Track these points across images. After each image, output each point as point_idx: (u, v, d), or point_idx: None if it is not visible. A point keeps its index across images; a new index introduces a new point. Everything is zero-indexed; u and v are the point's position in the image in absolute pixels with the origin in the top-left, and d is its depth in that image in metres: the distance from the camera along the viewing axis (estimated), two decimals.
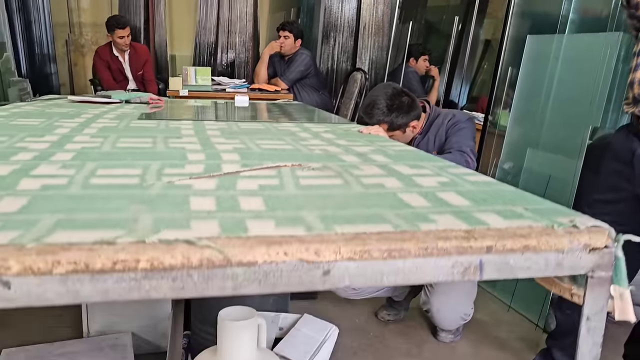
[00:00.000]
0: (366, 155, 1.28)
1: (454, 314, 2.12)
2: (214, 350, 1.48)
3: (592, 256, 0.79)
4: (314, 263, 0.69)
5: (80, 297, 0.63)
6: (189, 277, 0.66)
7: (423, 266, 0.73)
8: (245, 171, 1.03)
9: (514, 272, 0.77)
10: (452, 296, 2.11)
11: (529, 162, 2.79)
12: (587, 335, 0.82)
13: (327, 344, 1.81)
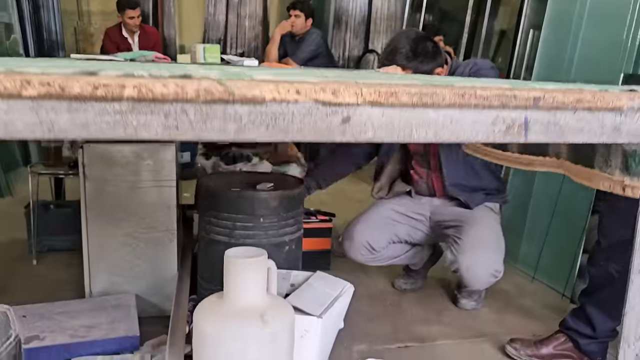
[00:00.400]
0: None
1: (485, 271, 1.98)
2: (220, 295, 1.37)
3: None
4: (331, 106, 0.58)
5: (55, 131, 0.53)
6: (184, 114, 0.56)
7: (459, 119, 0.62)
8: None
9: (564, 134, 0.66)
10: (481, 252, 1.97)
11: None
12: None
13: (343, 299, 1.70)
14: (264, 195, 1.85)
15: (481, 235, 2.03)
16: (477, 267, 1.97)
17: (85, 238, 1.98)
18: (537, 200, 2.66)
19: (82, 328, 1.78)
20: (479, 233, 2.03)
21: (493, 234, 2.07)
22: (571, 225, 2.41)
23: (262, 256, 1.33)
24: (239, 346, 1.27)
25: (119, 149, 1.94)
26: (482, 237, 2.03)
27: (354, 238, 2.18)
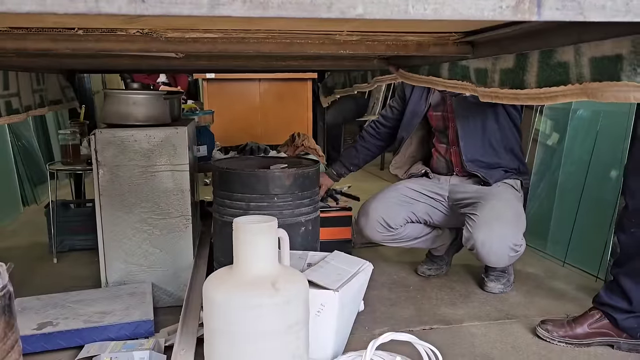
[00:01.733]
0: None
1: (501, 245, 1.88)
2: (231, 267, 1.31)
3: None
4: None
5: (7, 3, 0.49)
6: None
7: None
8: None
9: (583, 11, 0.58)
10: (497, 226, 1.87)
11: None
12: None
13: (361, 276, 1.62)
14: (277, 174, 1.79)
15: (498, 209, 1.94)
16: (492, 241, 1.87)
17: (100, 226, 1.95)
18: (563, 183, 2.56)
19: (96, 314, 1.74)
20: (495, 207, 1.94)
21: (511, 208, 1.98)
22: (600, 206, 2.30)
23: (272, 222, 1.27)
24: (249, 315, 1.21)
25: (131, 133, 1.92)
26: (499, 211, 1.94)
27: (369, 214, 2.12)
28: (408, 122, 2.24)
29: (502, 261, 1.95)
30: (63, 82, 2.70)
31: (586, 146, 2.45)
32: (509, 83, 1.09)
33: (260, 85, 4.45)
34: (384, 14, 0.55)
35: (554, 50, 0.94)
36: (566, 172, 2.57)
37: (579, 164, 2.49)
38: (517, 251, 1.93)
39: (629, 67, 0.76)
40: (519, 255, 1.98)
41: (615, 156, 2.26)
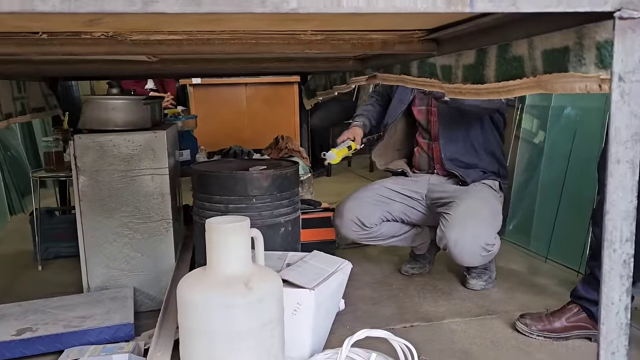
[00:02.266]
0: None
1: (474, 243, 1.89)
2: (205, 267, 1.32)
3: None
4: None
5: None
6: None
7: None
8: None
9: (516, 2, 0.60)
10: (469, 225, 1.88)
11: None
12: (621, 101, 0.64)
13: (339, 275, 1.63)
14: (255, 175, 1.80)
15: (472, 208, 1.96)
16: (465, 240, 1.88)
17: (81, 231, 1.95)
18: (545, 180, 2.58)
19: (76, 319, 1.74)
20: (470, 206, 1.96)
21: (486, 207, 1.99)
22: (580, 202, 2.32)
23: (243, 222, 1.28)
24: (223, 314, 1.21)
25: (110, 138, 1.92)
26: (473, 209, 1.95)
27: (343, 215, 2.14)
28: (394, 109, 2.26)
29: (474, 260, 1.97)
30: (45, 89, 2.70)
31: (566, 143, 2.48)
32: (470, 78, 1.10)
33: (246, 90, 4.46)
34: (317, 7, 0.56)
35: (510, 45, 0.95)
36: (547, 169, 2.59)
37: (559, 161, 2.51)
38: (490, 251, 1.94)
39: (575, 58, 0.77)
40: (492, 254, 1.99)
41: (593, 152, 2.28)
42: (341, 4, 0.56)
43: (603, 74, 0.72)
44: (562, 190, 2.44)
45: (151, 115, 2.18)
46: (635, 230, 1.50)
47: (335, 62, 1.84)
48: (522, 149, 2.82)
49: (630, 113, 0.64)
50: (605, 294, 0.68)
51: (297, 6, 0.55)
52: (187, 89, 4.48)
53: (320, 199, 2.79)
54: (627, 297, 0.69)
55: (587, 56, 0.74)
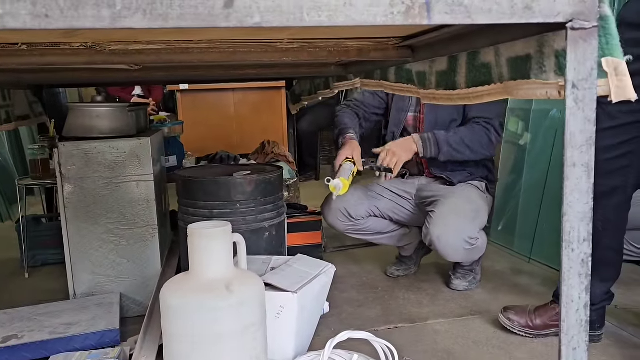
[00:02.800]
0: None
1: (457, 238, 1.93)
2: (188, 272, 1.34)
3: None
4: None
5: None
6: (54, 1, 0.53)
7: (353, 1, 0.59)
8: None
9: (471, 14, 0.63)
10: (452, 220, 1.93)
11: None
12: (575, 108, 0.67)
13: (322, 278, 1.65)
14: (239, 181, 1.82)
15: (456, 204, 2.00)
16: (448, 234, 1.93)
17: (66, 238, 1.96)
18: (527, 183, 2.63)
19: (62, 326, 1.74)
20: (454, 203, 2.01)
21: (469, 204, 2.04)
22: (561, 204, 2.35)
23: (225, 227, 1.30)
24: (205, 318, 1.23)
25: (94, 145, 1.93)
26: (457, 206, 2.00)
27: (331, 203, 2.18)
28: (396, 118, 2.26)
29: (458, 255, 2.00)
30: (31, 97, 2.70)
31: (548, 145, 2.52)
32: (443, 84, 1.13)
33: (234, 95, 4.48)
34: (280, 21, 0.58)
35: (478, 52, 0.98)
36: (531, 171, 2.63)
37: (541, 162, 2.55)
38: (473, 245, 1.97)
39: (536, 65, 0.80)
40: (478, 250, 2.03)
41: None
42: (304, 18, 0.59)
43: (562, 80, 0.75)
44: (544, 191, 2.48)
45: (136, 122, 2.19)
46: (604, 232, 1.51)
47: (318, 67, 1.87)
48: (507, 151, 2.86)
49: (584, 119, 0.67)
50: (565, 293, 0.71)
51: (260, 20, 0.58)
52: (175, 95, 4.49)
53: (308, 203, 2.82)
54: (586, 295, 0.72)
55: (547, 64, 0.77)
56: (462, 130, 2.08)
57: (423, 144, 2.04)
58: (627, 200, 1.59)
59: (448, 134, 2.06)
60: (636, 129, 1.48)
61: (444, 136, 2.05)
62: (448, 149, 2.04)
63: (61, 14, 0.54)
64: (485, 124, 2.08)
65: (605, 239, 1.57)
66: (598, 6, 0.66)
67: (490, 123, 2.08)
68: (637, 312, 1.93)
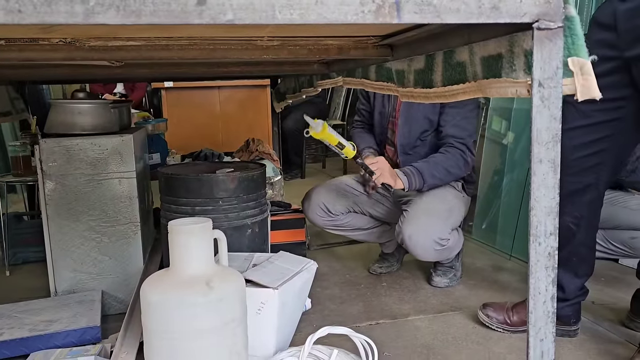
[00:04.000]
0: None
1: (427, 238, 1.96)
2: (168, 268, 1.34)
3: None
4: None
5: None
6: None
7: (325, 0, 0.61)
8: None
9: (439, 14, 0.64)
10: (424, 220, 1.95)
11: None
12: (541, 105, 0.69)
13: (303, 274, 1.66)
14: (221, 178, 1.83)
15: (428, 204, 2.03)
16: (419, 234, 1.95)
17: (47, 235, 1.95)
18: (509, 181, 2.66)
19: (42, 323, 1.74)
20: (427, 202, 2.04)
21: (442, 204, 2.06)
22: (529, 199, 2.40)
23: (205, 223, 1.31)
24: (184, 314, 1.24)
25: (76, 142, 1.93)
26: (429, 206, 2.02)
27: (311, 198, 2.22)
28: (379, 125, 2.28)
29: (428, 254, 2.02)
30: (12, 93, 2.68)
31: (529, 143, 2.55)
32: (420, 83, 1.15)
33: (220, 93, 4.48)
34: (252, 19, 0.60)
35: (453, 51, 1.00)
36: (512, 169, 2.67)
37: (522, 160, 2.59)
38: (444, 245, 2.00)
39: (507, 64, 0.82)
40: (449, 250, 2.05)
41: None
42: (276, 16, 0.60)
43: (530, 79, 0.77)
44: (524, 189, 2.52)
45: (119, 119, 2.19)
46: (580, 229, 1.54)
47: (300, 65, 1.88)
48: (490, 150, 2.89)
49: (550, 116, 0.69)
50: (532, 285, 0.73)
51: (233, 17, 0.59)
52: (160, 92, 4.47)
53: (292, 201, 2.82)
54: (552, 287, 0.74)
55: (517, 63, 0.79)
56: (439, 157, 2.08)
57: (408, 179, 2.04)
58: (600, 197, 1.63)
59: (429, 165, 2.06)
60: (609, 128, 1.51)
61: (426, 168, 2.06)
62: (432, 180, 2.06)
63: (34, 9, 0.54)
64: (459, 145, 2.08)
65: (578, 234, 1.60)
66: (563, 7, 0.68)
67: (464, 143, 2.09)
68: (613, 308, 1.97)
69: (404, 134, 2.16)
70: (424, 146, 2.16)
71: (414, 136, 2.15)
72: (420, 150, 2.15)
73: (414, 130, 2.14)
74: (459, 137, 2.09)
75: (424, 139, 2.15)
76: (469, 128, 2.11)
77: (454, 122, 2.09)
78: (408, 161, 2.15)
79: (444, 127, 2.11)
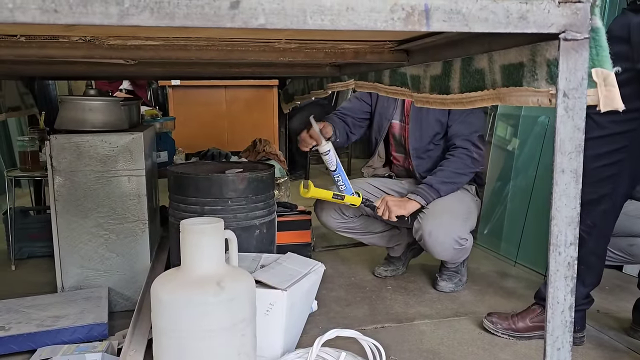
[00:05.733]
0: None
1: (447, 237, 1.97)
2: (179, 267, 1.35)
3: (563, 10, 0.67)
4: None
5: None
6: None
7: (354, 6, 0.61)
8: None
9: (468, 22, 0.65)
10: (445, 218, 1.97)
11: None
12: (565, 116, 0.70)
13: (311, 276, 1.67)
14: (231, 178, 1.83)
15: (448, 204, 2.04)
16: (439, 231, 1.96)
17: (56, 231, 1.96)
18: (515, 188, 2.67)
19: (49, 318, 1.74)
20: (446, 202, 2.04)
21: (462, 205, 2.08)
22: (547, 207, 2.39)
23: (217, 223, 1.31)
24: (194, 313, 1.24)
25: (87, 139, 1.93)
26: (449, 205, 2.03)
27: (325, 201, 2.20)
28: (378, 125, 2.28)
29: (446, 253, 2.03)
30: (22, 88, 2.69)
31: (536, 151, 2.56)
32: (437, 89, 1.15)
33: (226, 92, 4.48)
34: (284, 24, 0.60)
35: (472, 58, 1.00)
36: (518, 175, 2.67)
37: (529, 167, 2.59)
38: (462, 245, 2.01)
39: (529, 73, 0.82)
40: (465, 251, 2.06)
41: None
42: (307, 21, 0.60)
43: (553, 89, 0.77)
44: (531, 196, 2.52)
45: (129, 117, 2.19)
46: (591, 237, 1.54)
47: (312, 67, 1.88)
48: (495, 155, 2.89)
49: (574, 127, 0.69)
50: (551, 294, 0.73)
51: (265, 22, 0.59)
52: (166, 90, 4.48)
53: (298, 202, 2.83)
54: (571, 297, 0.74)
55: (539, 72, 0.79)
56: (444, 163, 2.09)
57: (423, 197, 2.05)
58: (615, 209, 1.63)
59: (438, 176, 2.07)
60: (625, 139, 1.52)
61: (433, 178, 2.07)
62: (444, 186, 2.06)
63: (70, 10, 0.55)
64: (463, 144, 2.08)
65: (589, 243, 1.61)
66: (590, 18, 0.68)
67: (468, 139, 2.08)
68: (618, 316, 1.97)
69: (416, 138, 2.16)
70: (437, 150, 2.16)
71: (426, 140, 2.15)
72: (433, 154, 2.16)
73: (426, 133, 2.15)
74: (464, 134, 2.09)
75: (437, 143, 2.16)
76: (475, 123, 2.11)
77: (461, 118, 2.10)
78: (422, 165, 2.16)
79: (451, 126, 2.12)
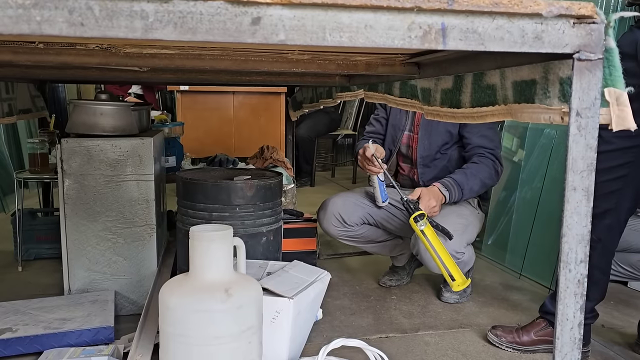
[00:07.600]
0: None
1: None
2: (188, 273, 1.36)
3: (578, 30, 0.68)
4: (240, 6, 0.59)
5: None
6: (89, 10, 0.56)
7: (373, 24, 0.62)
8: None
9: (484, 42, 0.66)
10: (439, 233, 1.98)
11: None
12: (578, 135, 0.70)
13: (317, 284, 1.67)
14: (240, 185, 1.85)
15: (446, 218, 2.05)
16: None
17: (64, 233, 1.97)
18: (521, 200, 2.67)
19: (56, 321, 1.75)
20: (444, 216, 2.05)
21: (459, 219, 2.08)
22: (553, 220, 2.41)
23: (226, 230, 1.32)
24: (201, 319, 1.25)
25: (97, 143, 1.95)
26: (447, 219, 2.04)
27: (327, 208, 2.23)
28: (391, 136, 2.30)
29: None
30: (33, 91, 2.71)
31: (543, 163, 2.56)
32: (448, 102, 1.16)
33: (234, 98, 4.50)
34: (304, 40, 0.61)
35: (484, 74, 1.01)
36: (524, 187, 2.67)
37: (535, 180, 2.60)
38: (459, 259, 2.01)
39: (541, 90, 0.83)
40: (462, 264, 2.05)
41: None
42: (326, 38, 0.61)
43: (565, 107, 0.78)
44: (537, 208, 2.52)
45: (139, 122, 2.21)
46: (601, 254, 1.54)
47: (322, 77, 1.90)
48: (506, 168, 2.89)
49: (586, 145, 0.70)
50: (560, 311, 0.74)
51: (285, 38, 0.60)
52: (175, 94, 4.50)
53: (303, 209, 2.83)
54: (580, 314, 0.74)
55: (552, 90, 0.80)
56: (474, 168, 2.10)
57: (449, 191, 2.07)
58: (620, 223, 1.63)
59: (467, 178, 2.08)
60: (630, 154, 1.52)
61: (466, 182, 2.08)
62: (469, 194, 2.09)
63: (96, 23, 0.56)
64: (490, 156, 2.11)
65: (593, 257, 1.60)
66: (604, 39, 0.69)
67: (494, 154, 2.12)
68: (623, 332, 1.97)
69: (424, 147, 2.18)
70: (443, 159, 2.18)
71: (434, 149, 2.17)
72: (439, 163, 2.18)
73: (434, 142, 2.17)
74: (488, 147, 2.11)
75: (444, 152, 2.18)
76: (495, 139, 2.14)
77: (480, 132, 2.11)
78: (427, 173, 2.18)
79: (470, 138, 2.13)
